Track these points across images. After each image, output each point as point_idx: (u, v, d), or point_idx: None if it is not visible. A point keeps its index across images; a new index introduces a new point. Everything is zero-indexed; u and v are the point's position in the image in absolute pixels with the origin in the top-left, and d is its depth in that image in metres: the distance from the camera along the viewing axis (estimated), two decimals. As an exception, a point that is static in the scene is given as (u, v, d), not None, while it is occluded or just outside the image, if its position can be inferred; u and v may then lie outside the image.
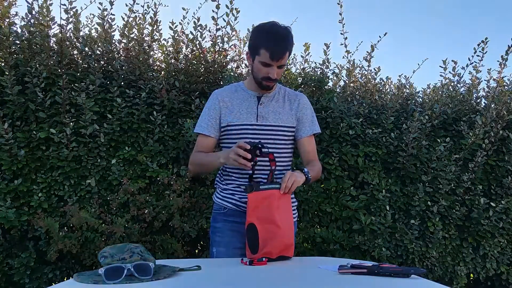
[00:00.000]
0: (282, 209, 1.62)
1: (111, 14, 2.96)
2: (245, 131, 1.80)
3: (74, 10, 2.79)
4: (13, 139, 2.59)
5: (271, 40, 1.68)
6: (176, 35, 3.03)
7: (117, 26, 3.00)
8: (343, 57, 3.34)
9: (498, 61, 3.19)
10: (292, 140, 1.90)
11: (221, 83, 3.00)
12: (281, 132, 1.83)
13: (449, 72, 3.32)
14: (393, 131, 3.12)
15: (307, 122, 1.90)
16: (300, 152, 1.93)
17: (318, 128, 1.94)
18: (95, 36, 2.99)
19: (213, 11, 2.97)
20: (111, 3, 2.93)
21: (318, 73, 3.20)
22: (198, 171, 1.96)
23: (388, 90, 3.60)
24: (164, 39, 3.15)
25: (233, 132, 1.81)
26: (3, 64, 2.70)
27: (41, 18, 2.77)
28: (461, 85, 3.41)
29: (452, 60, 3.32)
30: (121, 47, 3.03)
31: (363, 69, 3.44)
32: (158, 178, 2.78)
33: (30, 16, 2.80)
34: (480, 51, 3.18)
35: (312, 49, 3.34)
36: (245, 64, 3.25)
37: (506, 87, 3.32)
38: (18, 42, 2.76)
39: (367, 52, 3.31)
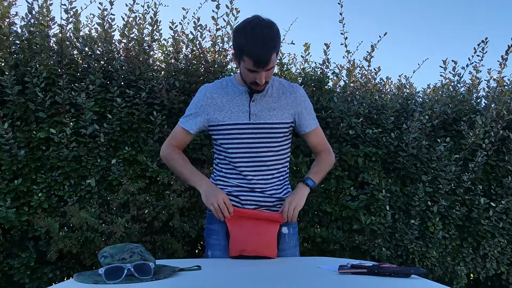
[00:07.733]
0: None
1: (111, 14, 2.96)
2: (238, 130, 1.74)
3: (74, 10, 2.79)
4: (13, 139, 2.59)
5: (254, 46, 1.55)
6: (176, 35, 3.03)
7: (117, 26, 3.00)
8: (343, 57, 3.34)
9: (498, 61, 3.19)
10: (289, 135, 1.83)
11: (221, 83, 3.00)
12: (276, 130, 1.76)
13: (449, 72, 3.32)
14: (393, 131, 3.12)
15: (308, 116, 1.83)
16: (308, 145, 1.90)
17: (317, 121, 1.89)
18: (95, 36, 2.99)
19: (213, 11, 2.97)
20: (111, 3, 2.93)
21: (318, 73, 3.19)
22: (170, 168, 1.90)
23: (388, 90, 3.60)
24: (164, 39, 3.16)
25: (225, 131, 1.75)
26: (3, 64, 2.69)
27: (41, 18, 2.77)
28: (461, 85, 3.41)
29: (452, 60, 3.31)
30: (121, 47, 3.03)
31: (363, 69, 3.44)
32: (158, 178, 2.77)
33: (30, 16, 2.79)
34: (480, 51, 3.18)
35: (312, 49, 3.33)
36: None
37: (506, 87, 3.32)
38: (18, 42, 2.76)
39: (367, 52, 3.31)
